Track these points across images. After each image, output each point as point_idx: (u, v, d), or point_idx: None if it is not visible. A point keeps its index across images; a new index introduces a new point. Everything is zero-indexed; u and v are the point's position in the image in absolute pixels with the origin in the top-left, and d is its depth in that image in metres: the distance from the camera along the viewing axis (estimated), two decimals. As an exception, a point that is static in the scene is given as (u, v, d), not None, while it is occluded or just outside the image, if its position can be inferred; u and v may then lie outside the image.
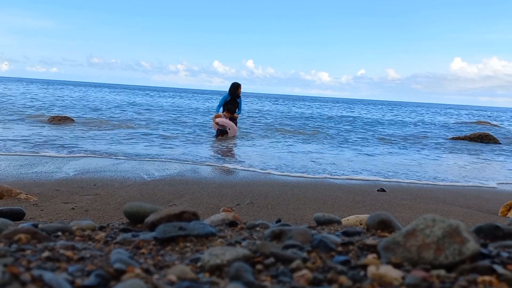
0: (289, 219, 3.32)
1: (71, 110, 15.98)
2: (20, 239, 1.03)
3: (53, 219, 2.97)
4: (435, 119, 25.23)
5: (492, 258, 0.91)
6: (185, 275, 0.84)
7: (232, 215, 1.39)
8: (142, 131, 10.74)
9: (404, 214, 3.72)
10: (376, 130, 15.48)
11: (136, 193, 4.02)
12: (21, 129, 9.61)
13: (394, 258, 0.92)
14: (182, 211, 1.26)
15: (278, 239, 1.13)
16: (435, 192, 5.10)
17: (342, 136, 12.64)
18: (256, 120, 16.92)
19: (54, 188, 4.06)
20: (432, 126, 18.82)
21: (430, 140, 12.55)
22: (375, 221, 1.23)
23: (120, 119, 13.71)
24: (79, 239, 1.14)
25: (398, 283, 0.80)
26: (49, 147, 7.08)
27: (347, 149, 9.48)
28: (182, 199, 3.87)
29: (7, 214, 1.71)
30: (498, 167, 8.07)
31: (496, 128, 18.70)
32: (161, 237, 1.11)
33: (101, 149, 7.16)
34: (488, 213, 3.97)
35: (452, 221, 0.94)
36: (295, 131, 13.11)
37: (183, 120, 14.68)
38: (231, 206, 3.56)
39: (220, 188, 4.43)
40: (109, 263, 0.88)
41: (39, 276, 0.74)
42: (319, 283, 0.82)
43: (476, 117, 28.02)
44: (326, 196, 4.28)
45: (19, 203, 3.35)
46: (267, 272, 0.89)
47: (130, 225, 1.32)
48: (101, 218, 3.10)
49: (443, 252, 0.88)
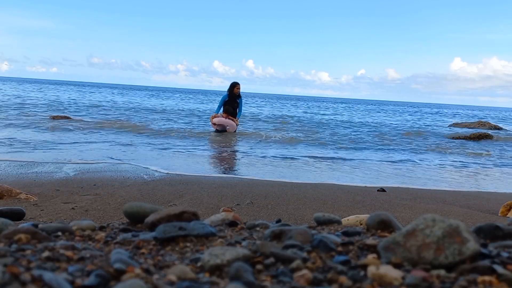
0: (289, 219, 3.32)
1: (71, 110, 15.93)
2: (20, 239, 1.03)
3: (53, 219, 2.97)
4: (435, 120, 25.09)
5: (492, 258, 0.91)
6: (185, 275, 0.84)
7: (232, 215, 1.39)
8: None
9: (404, 214, 3.71)
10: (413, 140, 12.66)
11: (136, 193, 4.02)
12: (21, 129, 9.62)
13: (394, 258, 0.92)
14: (182, 211, 1.26)
15: (278, 239, 1.13)
16: (435, 192, 5.10)
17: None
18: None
19: (54, 188, 4.06)
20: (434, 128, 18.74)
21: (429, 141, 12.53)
22: (375, 221, 1.23)
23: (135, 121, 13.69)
24: (79, 239, 1.14)
25: (398, 283, 0.80)
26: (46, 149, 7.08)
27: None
28: (182, 199, 3.86)
29: (7, 214, 1.71)
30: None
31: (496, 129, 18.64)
32: (161, 237, 1.10)
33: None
34: (488, 213, 3.97)
35: (452, 221, 0.94)
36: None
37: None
38: (231, 206, 3.56)
39: (220, 188, 4.43)
40: (109, 263, 0.88)
41: (39, 276, 0.74)
42: (319, 283, 0.82)
43: (477, 118, 27.85)
44: (326, 196, 4.28)
45: (19, 203, 3.35)
46: (267, 272, 0.89)
47: (130, 225, 1.32)
48: (101, 218, 3.09)
49: (443, 252, 0.88)
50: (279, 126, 14.44)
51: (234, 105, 10.42)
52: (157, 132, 10.70)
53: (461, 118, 26.38)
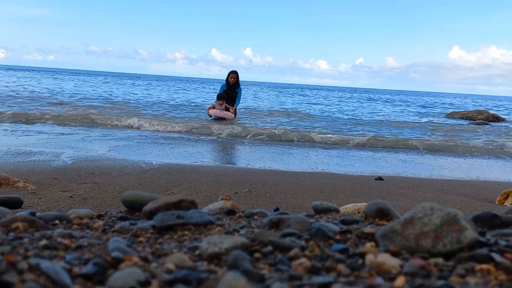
0: (287, 207, 3.32)
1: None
2: (17, 228, 1.02)
3: (51, 207, 2.97)
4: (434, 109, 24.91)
5: (490, 246, 0.91)
6: (183, 263, 0.84)
7: (230, 203, 1.39)
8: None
9: (402, 202, 3.73)
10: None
11: (134, 181, 4.01)
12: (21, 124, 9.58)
13: (392, 246, 0.92)
14: (180, 200, 1.25)
15: (276, 227, 1.13)
16: (432, 180, 5.11)
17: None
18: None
19: (52, 177, 4.05)
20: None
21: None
22: (373, 210, 1.23)
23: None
24: (77, 228, 1.14)
25: (396, 271, 0.80)
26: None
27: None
28: (180, 187, 3.87)
29: (4, 202, 1.70)
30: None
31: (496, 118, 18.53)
32: (159, 226, 1.10)
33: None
34: (485, 202, 3.99)
35: (450, 210, 0.94)
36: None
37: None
38: (229, 195, 3.56)
39: (218, 176, 4.43)
40: (107, 252, 0.88)
41: (36, 265, 0.73)
42: (317, 271, 0.82)
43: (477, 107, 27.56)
44: (324, 185, 4.29)
45: (17, 191, 3.34)
46: (265, 260, 0.89)
47: (128, 213, 1.32)
48: (99, 207, 3.10)
49: (441, 240, 0.89)
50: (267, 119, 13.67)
51: (232, 95, 10.39)
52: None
53: (461, 107, 26.09)
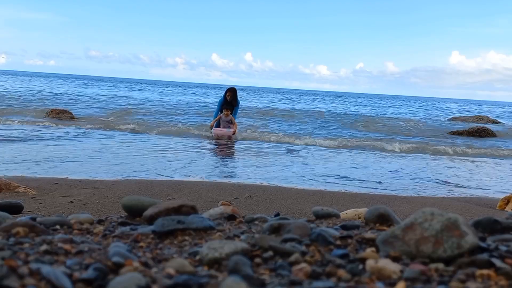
0: (288, 213, 3.32)
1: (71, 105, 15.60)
2: (18, 233, 1.02)
3: (51, 212, 2.97)
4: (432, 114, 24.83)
5: (490, 251, 0.91)
6: (183, 268, 0.84)
7: (231, 208, 1.39)
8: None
9: (402, 208, 3.72)
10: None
11: (134, 186, 4.01)
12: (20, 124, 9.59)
13: (393, 251, 0.92)
14: (181, 205, 1.25)
15: (277, 232, 1.13)
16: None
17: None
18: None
19: (52, 182, 4.05)
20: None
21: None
22: (373, 215, 1.23)
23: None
24: (77, 233, 1.14)
25: (397, 276, 0.80)
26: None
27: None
28: (181, 192, 3.87)
29: (5, 208, 1.70)
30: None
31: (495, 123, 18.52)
32: (160, 231, 1.10)
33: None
34: (486, 207, 3.98)
35: (450, 215, 0.94)
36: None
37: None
38: (229, 200, 3.56)
39: (218, 182, 4.43)
40: (108, 257, 0.88)
41: (37, 270, 0.73)
42: (318, 276, 0.82)
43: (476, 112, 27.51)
44: (324, 190, 4.28)
45: (17, 197, 3.34)
46: (266, 265, 0.89)
47: (129, 218, 1.32)
48: (99, 212, 3.09)
49: (442, 245, 0.89)
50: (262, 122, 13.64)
51: (231, 109, 10.23)
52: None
53: (460, 113, 26.00)
